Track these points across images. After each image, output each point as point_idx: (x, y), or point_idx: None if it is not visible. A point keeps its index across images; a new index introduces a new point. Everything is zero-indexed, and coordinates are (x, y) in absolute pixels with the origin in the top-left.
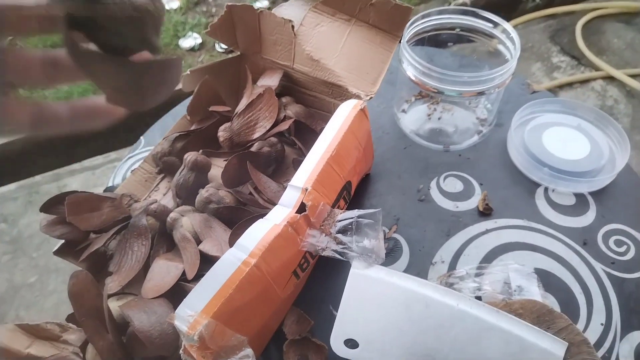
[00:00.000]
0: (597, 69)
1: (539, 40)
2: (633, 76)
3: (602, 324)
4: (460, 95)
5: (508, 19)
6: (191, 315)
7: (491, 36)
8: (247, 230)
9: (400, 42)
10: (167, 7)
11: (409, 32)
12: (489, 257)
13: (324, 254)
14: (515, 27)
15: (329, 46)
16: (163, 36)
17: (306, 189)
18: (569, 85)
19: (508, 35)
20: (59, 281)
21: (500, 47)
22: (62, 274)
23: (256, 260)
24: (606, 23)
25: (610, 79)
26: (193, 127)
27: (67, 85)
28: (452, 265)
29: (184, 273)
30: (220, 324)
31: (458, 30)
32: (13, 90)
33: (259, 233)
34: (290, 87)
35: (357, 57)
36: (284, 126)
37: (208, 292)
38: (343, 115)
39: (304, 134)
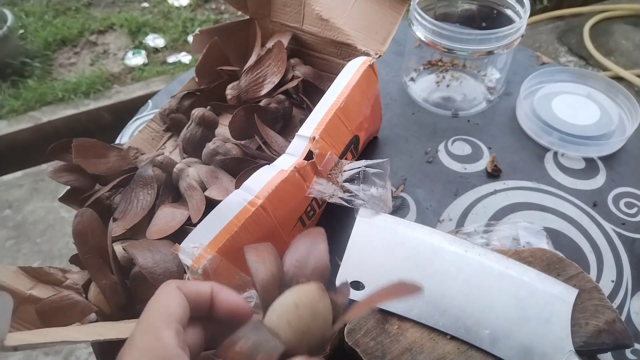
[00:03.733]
0: (604, 69)
1: (547, 40)
2: None
3: (612, 281)
4: (471, 55)
5: None
6: (196, 247)
7: (502, 1)
8: (253, 174)
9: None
10: (176, 3)
11: None
12: (498, 216)
13: (331, 200)
14: None
15: (339, 7)
16: (172, 32)
17: (314, 138)
18: None
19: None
20: (62, 267)
21: (509, 12)
22: (65, 260)
23: (262, 201)
24: (614, 25)
25: (618, 79)
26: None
27: None
28: (460, 223)
29: (189, 219)
30: (225, 260)
31: None
32: None
33: (265, 177)
34: (299, 50)
35: (367, 18)
36: (291, 84)
37: (214, 228)
38: (352, 70)
39: (312, 94)
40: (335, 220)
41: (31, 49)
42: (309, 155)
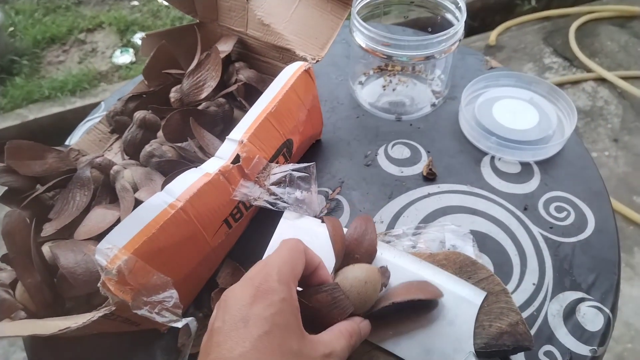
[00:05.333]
0: (589, 70)
1: (532, 41)
2: (625, 78)
3: (534, 284)
4: (410, 61)
5: (504, 21)
6: (109, 248)
7: (442, 7)
8: (177, 177)
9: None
10: (165, 2)
11: (359, 1)
12: (428, 219)
13: (256, 203)
14: (509, 28)
15: (280, 12)
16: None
17: (242, 141)
18: (560, 85)
19: (457, 5)
20: None
21: (449, 16)
22: None
23: (183, 204)
24: (600, 26)
25: (601, 80)
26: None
27: None
28: (391, 225)
29: (119, 220)
30: (142, 261)
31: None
32: None
33: (189, 180)
34: (245, 54)
35: (307, 23)
36: (232, 88)
37: (131, 230)
38: (287, 76)
39: (255, 97)
40: (268, 222)
41: (20, 47)
42: (237, 159)
